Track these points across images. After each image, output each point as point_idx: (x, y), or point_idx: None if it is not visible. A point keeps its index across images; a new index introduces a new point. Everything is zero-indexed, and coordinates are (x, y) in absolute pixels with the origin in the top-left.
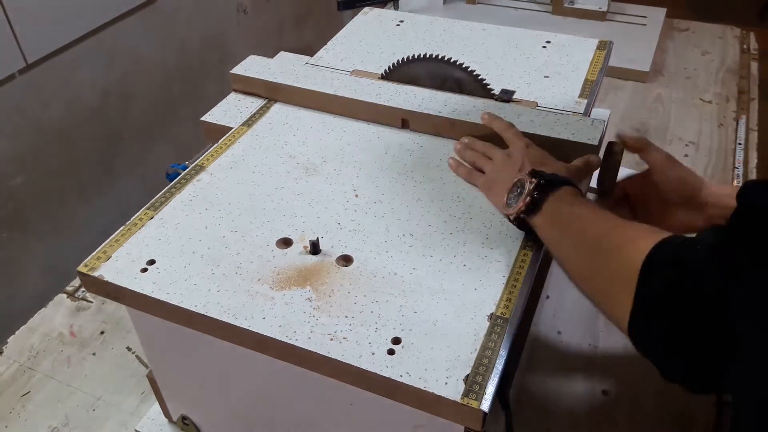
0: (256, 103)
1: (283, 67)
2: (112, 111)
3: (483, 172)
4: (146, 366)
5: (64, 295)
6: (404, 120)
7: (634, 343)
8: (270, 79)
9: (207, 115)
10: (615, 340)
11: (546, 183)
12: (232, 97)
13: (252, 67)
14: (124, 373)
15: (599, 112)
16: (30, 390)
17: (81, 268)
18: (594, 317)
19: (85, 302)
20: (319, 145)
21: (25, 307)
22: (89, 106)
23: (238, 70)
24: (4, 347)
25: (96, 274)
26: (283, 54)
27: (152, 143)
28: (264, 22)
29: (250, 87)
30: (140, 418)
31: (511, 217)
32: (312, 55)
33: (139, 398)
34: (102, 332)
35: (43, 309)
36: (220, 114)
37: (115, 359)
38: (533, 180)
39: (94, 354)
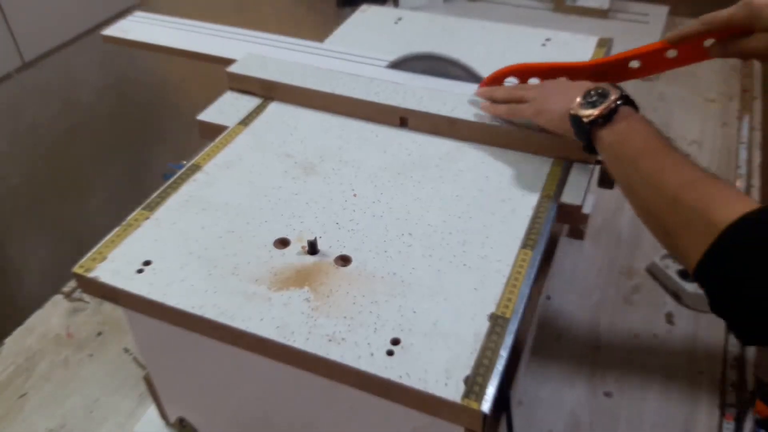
0: (252, 102)
1: (280, 65)
2: (108, 109)
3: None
4: (143, 367)
5: (61, 296)
6: (402, 118)
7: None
8: (266, 78)
9: (202, 113)
10: (617, 341)
11: (628, 99)
12: (229, 96)
13: (249, 64)
14: (121, 374)
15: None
16: (27, 392)
17: (76, 269)
18: (596, 318)
19: (82, 303)
20: (317, 144)
21: (22, 308)
22: (86, 105)
23: (235, 68)
24: (0, 348)
25: (91, 275)
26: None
27: (149, 142)
28: (264, 18)
29: (247, 85)
30: (138, 420)
31: (586, 120)
32: None
33: (137, 400)
34: (99, 333)
35: (39, 310)
36: (215, 112)
37: (113, 360)
38: (618, 90)
39: (91, 355)
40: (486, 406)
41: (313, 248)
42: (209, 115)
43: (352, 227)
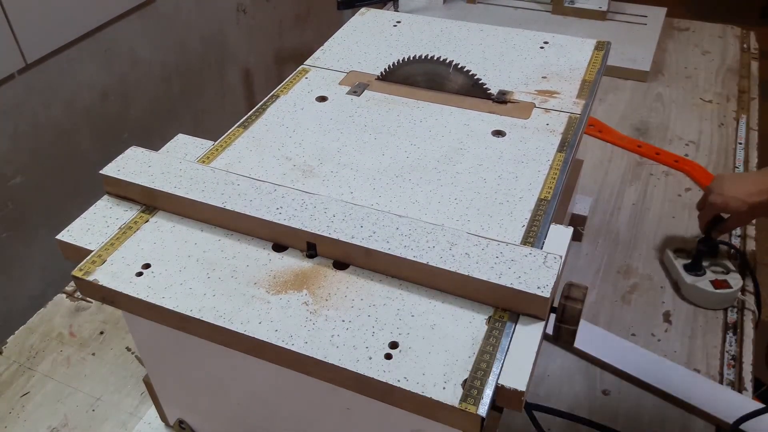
0: (129, 213)
1: (167, 166)
2: (111, 111)
3: None
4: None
5: (64, 295)
6: (310, 243)
7: None
8: (146, 184)
9: (65, 231)
10: None
11: None
12: (103, 204)
13: (128, 165)
14: (123, 373)
15: (581, 201)
16: (29, 390)
17: (75, 272)
18: (594, 317)
19: (84, 302)
20: (315, 146)
21: (25, 307)
22: (88, 106)
23: (110, 169)
24: (3, 347)
25: (91, 278)
26: (180, 138)
27: (151, 144)
28: (264, 21)
29: (125, 191)
30: (139, 419)
31: None
32: (310, 55)
33: (139, 399)
34: (101, 332)
35: (42, 309)
36: (81, 229)
37: (115, 359)
38: None
39: (93, 354)
40: (483, 410)
41: (311, 251)
42: (72, 233)
43: None
